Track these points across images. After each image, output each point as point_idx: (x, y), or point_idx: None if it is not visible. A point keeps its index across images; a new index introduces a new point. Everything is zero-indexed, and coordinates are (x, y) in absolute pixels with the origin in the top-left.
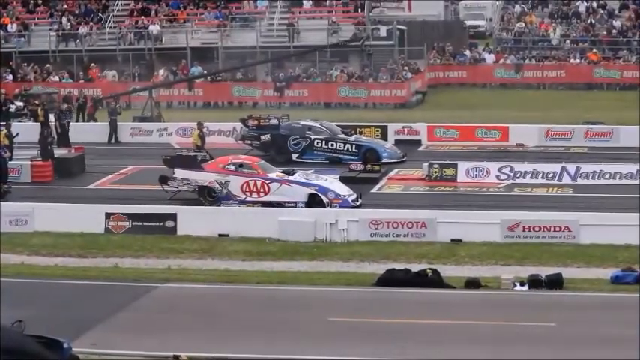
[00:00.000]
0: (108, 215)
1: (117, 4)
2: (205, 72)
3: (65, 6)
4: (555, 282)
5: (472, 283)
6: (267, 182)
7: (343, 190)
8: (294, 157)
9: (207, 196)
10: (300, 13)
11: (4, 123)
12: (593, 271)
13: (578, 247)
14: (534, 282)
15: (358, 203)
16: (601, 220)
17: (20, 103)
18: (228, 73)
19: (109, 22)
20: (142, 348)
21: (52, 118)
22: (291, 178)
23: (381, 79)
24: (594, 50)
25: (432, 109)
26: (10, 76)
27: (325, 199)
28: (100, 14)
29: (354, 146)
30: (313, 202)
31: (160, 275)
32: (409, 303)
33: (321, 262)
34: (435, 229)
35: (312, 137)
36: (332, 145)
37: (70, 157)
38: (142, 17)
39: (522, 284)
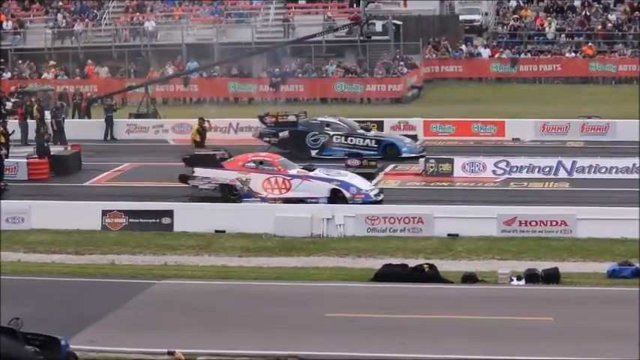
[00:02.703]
0: (104, 212)
1: (112, 1)
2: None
3: (60, 3)
4: (552, 276)
5: (469, 278)
6: (288, 179)
7: (365, 185)
8: (313, 153)
9: (229, 194)
10: (295, 8)
11: (0, 120)
12: (590, 266)
13: (575, 242)
14: (531, 277)
15: (380, 198)
16: (598, 215)
17: (15, 101)
18: (224, 69)
19: (105, 18)
20: (138, 345)
21: (47, 115)
22: (312, 174)
23: (377, 74)
24: (590, 44)
25: (428, 104)
26: (8, 74)
27: (347, 194)
28: (95, 11)
29: (373, 141)
30: (335, 197)
31: (157, 272)
32: (406, 298)
33: (317, 257)
34: (431, 224)
35: (331, 133)
36: (351, 140)
37: (67, 154)
38: (138, 14)
39: (519, 279)
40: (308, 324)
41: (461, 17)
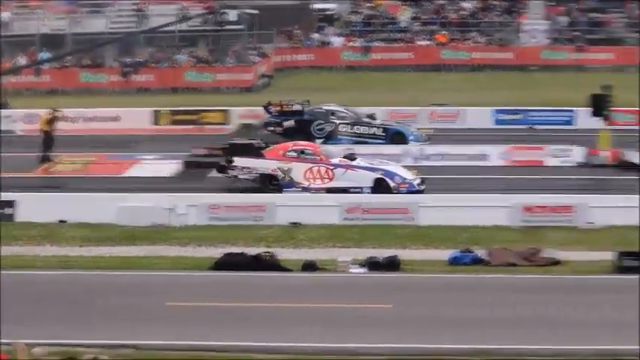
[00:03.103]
0: None
1: None
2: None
3: None
4: (392, 264)
5: (309, 266)
6: (331, 168)
7: (408, 174)
8: (319, 142)
9: (269, 183)
10: None
11: None
12: (431, 253)
13: (417, 229)
14: (372, 264)
15: (423, 187)
16: (441, 202)
17: None
18: (76, 59)
19: None
20: None
21: None
22: (355, 163)
23: (228, 63)
24: (443, 32)
25: (279, 93)
26: None
27: (392, 184)
28: None
29: (380, 129)
30: (379, 187)
31: None
32: (246, 287)
33: (160, 247)
34: (274, 213)
35: (337, 122)
36: (358, 129)
37: None
38: None
39: (361, 266)
40: (148, 313)
41: (315, 6)
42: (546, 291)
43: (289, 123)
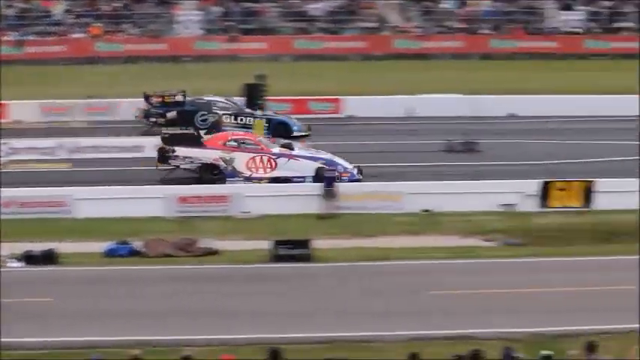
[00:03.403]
0: None
1: None
2: None
3: None
4: (49, 257)
5: None
6: (274, 158)
7: (347, 163)
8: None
9: (211, 173)
10: None
11: None
12: (88, 245)
13: (74, 222)
14: (29, 258)
15: (361, 177)
16: (97, 194)
17: None
18: None
19: None
20: None
21: None
22: (296, 152)
23: None
24: (97, 24)
25: None
26: None
27: (335, 173)
28: None
29: (264, 120)
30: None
31: None
32: None
33: None
34: None
35: (220, 112)
36: (241, 119)
37: None
38: None
39: (17, 260)
40: None
41: None
42: (203, 281)
43: (172, 114)
